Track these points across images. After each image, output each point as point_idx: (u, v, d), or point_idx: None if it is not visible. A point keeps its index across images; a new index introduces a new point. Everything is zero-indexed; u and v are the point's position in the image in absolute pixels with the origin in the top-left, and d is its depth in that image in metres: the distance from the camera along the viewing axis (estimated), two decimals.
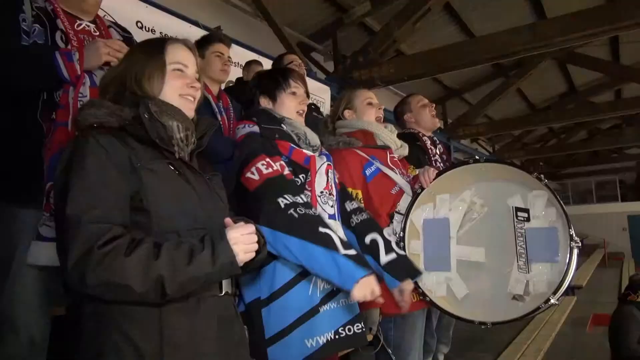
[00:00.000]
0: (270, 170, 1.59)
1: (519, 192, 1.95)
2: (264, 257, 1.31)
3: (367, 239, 1.84)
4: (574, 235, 1.80)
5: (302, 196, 1.58)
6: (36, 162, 1.57)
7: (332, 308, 1.61)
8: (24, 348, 1.55)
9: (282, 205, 1.51)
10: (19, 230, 1.57)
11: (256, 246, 1.20)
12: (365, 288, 1.46)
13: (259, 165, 1.60)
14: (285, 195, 1.53)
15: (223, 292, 1.25)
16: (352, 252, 1.50)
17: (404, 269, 1.85)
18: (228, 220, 1.21)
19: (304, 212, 1.52)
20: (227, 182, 1.53)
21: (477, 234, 2.00)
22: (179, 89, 1.30)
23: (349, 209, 1.87)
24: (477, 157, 2.03)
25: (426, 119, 2.66)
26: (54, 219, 1.14)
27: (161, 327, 1.10)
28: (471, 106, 9.89)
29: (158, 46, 1.32)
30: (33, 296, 1.56)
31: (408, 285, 1.83)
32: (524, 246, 1.89)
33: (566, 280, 1.79)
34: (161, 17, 3.89)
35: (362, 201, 1.98)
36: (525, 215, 1.91)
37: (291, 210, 1.50)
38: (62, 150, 1.54)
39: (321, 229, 1.51)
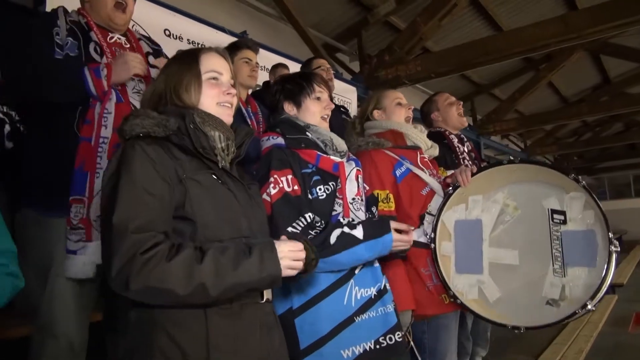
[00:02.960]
0: (276, 189, 1.58)
1: (555, 193, 1.88)
2: (309, 274, 1.33)
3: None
4: (613, 238, 1.73)
5: (307, 216, 1.57)
6: (71, 172, 1.61)
7: (370, 317, 1.59)
8: (63, 354, 1.60)
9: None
10: (56, 239, 1.62)
11: (300, 265, 1.23)
12: (398, 241, 1.60)
13: (277, 178, 1.59)
14: (294, 224, 1.54)
15: (264, 299, 1.27)
16: (361, 228, 1.56)
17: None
18: (284, 236, 1.26)
19: (312, 235, 1.54)
20: None
21: (511, 237, 1.94)
22: (215, 97, 1.33)
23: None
24: (511, 158, 1.97)
25: (453, 117, 2.64)
26: (101, 225, 1.17)
27: (207, 332, 1.13)
28: (501, 102, 9.70)
29: (192, 57, 1.35)
30: (71, 302, 1.61)
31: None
32: (559, 249, 1.83)
33: (604, 286, 1.72)
34: (188, 24, 3.95)
35: (392, 201, 1.95)
36: (562, 217, 1.85)
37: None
38: (83, 165, 1.60)
39: (332, 238, 1.54)
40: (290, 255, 1.21)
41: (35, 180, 1.65)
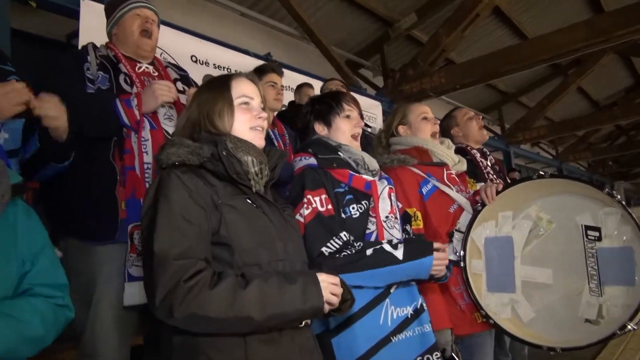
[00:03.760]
0: (309, 210, 1.59)
1: (589, 208, 1.82)
2: (342, 314, 1.33)
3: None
4: None
5: (342, 235, 1.57)
6: (110, 202, 1.66)
7: (407, 337, 1.57)
8: None
9: (327, 254, 1.53)
10: (98, 266, 1.66)
11: (336, 300, 1.23)
12: (438, 264, 1.56)
13: (310, 198, 1.61)
14: (328, 244, 1.54)
15: (303, 324, 1.27)
16: (402, 249, 1.55)
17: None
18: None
19: (347, 253, 1.54)
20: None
21: (544, 254, 1.89)
22: (248, 122, 1.36)
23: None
24: (541, 173, 1.92)
25: (474, 131, 2.60)
26: (142, 254, 1.20)
27: (247, 359, 1.14)
28: (529, 109, 9.54)
29: (224, 83, 1.38)
30: (112, 328, 1.64)
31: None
32: (595, 267, 1.76)
33: None
34: (213, 49, 4.06)
35: (420, 219, 1.93)
36: (596, 234, 1.78)
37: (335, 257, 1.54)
38: (134, 193, 1.64)
39: (369, 252, 1.54)
40: (330, 288, 1.21)
41: (76, 210, 1.70)
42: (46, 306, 1.15)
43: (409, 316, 1.60)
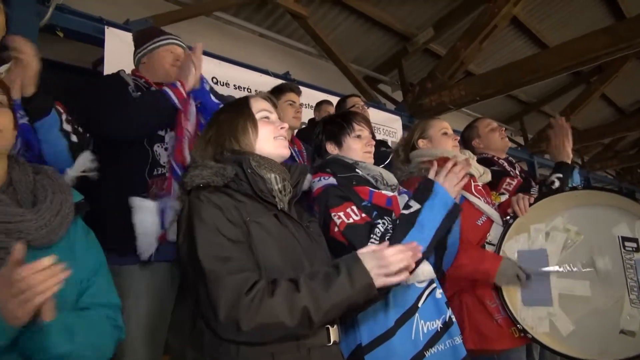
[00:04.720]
0: (351, 219, 1.58)
1: (624, 219, 1.78)
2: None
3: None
4: None
5: (379, 224, 1.56)
6: None
7: (439, 351, 1.56)
8: None
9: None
10: (126, 286, 1.69)
11: (393, 268, 1.16)
12: (449, 179, 1.55)
13: (341, 214, 1.59)
14: (370, 242, 1.52)
15: (332, 342, 1.26)
16: (415, 204, 1.54)
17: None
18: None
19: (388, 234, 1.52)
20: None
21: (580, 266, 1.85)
22: (272, 132, 1.40)
23: None
24: (574, 185, 1.89)
25: (497, 142, 2.56)
26: (191, 282, 1.20)
27: None
28: (552, 119, 9.38)
29: (242, 102, 1.44)
30: (140, 348, 1.65)
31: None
32: (635, 278, 1.72)
33: None
34: (233, 70, 4.13)
35: None
36: (634, 245, 1.75)
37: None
38: None
39: (399, 221, 1.53)
40: (376, 255, 1.17)
41: (105, 232, 1.74)
42: (105, 324, 1.17)
43: (439, 329, 1.59)
